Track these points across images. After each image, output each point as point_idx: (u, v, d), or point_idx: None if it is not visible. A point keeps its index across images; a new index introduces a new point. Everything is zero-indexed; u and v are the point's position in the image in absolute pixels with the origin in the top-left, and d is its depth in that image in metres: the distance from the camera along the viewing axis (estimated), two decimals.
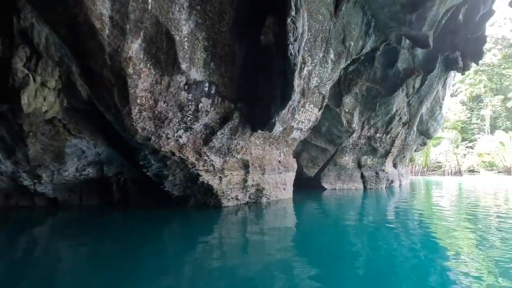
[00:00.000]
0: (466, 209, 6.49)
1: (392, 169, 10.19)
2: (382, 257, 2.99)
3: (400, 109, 8.61)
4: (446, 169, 26.21)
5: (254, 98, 4.78)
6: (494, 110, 36.02)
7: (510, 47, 37.67)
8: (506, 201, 7.71)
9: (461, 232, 4.18)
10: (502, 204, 7.22)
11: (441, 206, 7.22)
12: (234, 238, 3.65)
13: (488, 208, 6.45)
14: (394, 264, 2.79)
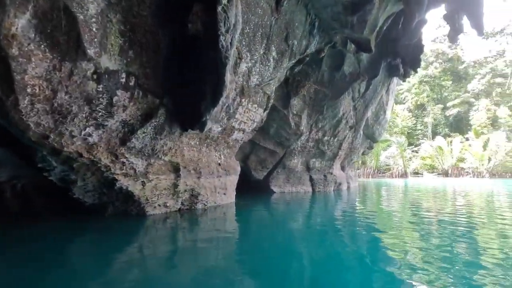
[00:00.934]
0: (409, 210, 6.77)
1: (340, 172, 10.34)
2: (324, 263, 2.80)
3: (346, 113, 8.71)
4: (394, 172, 28.01)
5: (182, 93, 4.28)
6: (435, 118, 39.63)
7: (448, 62, 41.81)
8: (445, 201, 8.17)
9: (405, 232, 4.30)
10: (442, 204, 7.68)
11: (386, 208, 7.40)
12: (154, 252, 3.10)
13: (430, 209, 6.81)
14: (338, 272, 2.57)
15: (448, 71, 41.58)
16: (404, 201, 8.69)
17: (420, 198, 9.21)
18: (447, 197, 9.62)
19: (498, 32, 39.30)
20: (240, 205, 6.67)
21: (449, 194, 10.44)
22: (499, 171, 27.11)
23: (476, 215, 5.79)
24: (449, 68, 41.57)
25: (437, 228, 4.48)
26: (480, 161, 26.90)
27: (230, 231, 4.22)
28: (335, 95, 8.25)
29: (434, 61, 42.32)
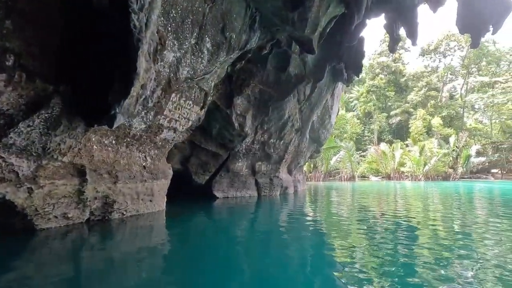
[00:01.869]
0: (354, 211, 6.85)
1: (287, 176, 10.17)
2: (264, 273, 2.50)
3: (292, 115, 8.53)
4: (343, 175, 29.31)
5: (85, 80, 3.54)
6: (380, 125, 42.76)
7: (392, 74, 45.55)
8: (387, 202, 8.43)
9: (349, 234, 4.39)
10: (385, 205, 8.07)
11: (332, 210, 7.35)
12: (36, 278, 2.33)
13: (374, 210, 7.19)
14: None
15: (391, 82, 45.28)
16: (349, 203, 8.82)
17: (365, 199, 9.56)
18: (390, 198, 10.12)
19: (432, 50, 43.96)
20: (173, 213, 5.99)
21: (391, 196, 11.09)
22: (432, 175, 29.96)
23: (414, 214, 6.36)
24: (393, 80, 45.30)
25: (381, 229, 4.68)
26: (417, 166, 29.46)
27: (152, 245, 3.57)
28: (281, 97, 8.02)
29: (380, 73, 45.79)
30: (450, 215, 6.34)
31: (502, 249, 3.34)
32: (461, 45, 41.27)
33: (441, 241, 3.76)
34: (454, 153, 31.55)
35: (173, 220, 5.36)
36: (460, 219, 5.82)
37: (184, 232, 4.63)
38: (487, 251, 3.27)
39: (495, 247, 3.45)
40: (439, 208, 7.61)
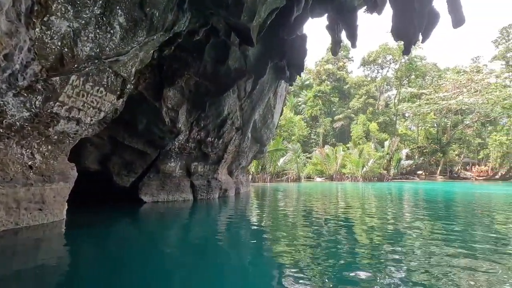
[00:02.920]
0: (297, 215, 6.60)
1: (227, 177, 9.56)
2: None
3: (232, 113, 7.96)
4: (290, 176, 29.85)
5: None
6: (326, 129, 44.99)
7: (336, 81, 48.36)
8: (330, 204, 8.40)
9: (292, 235, 4.36)
10: (327, 205, 8.23)
11: (274, 214, 7.04)
12: None
13: (317, 210, 7.28)
14: None
15: (336, 89, 48.06)
16: (294, 204, 8.67)
17: (309, 201, 9.57)
18: (332, 199, 10.33)
19: (371, 62, 47.87)
20: (78, 224, 4.91)
21: (333, 197, 11.41)
22: (369, 176, 32.32)
23: (353, 214, 6.64)
24: (337, 87, 48.13)
25: (322, 228, 4.82)
26: (357, 167, 31.49)
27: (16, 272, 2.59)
28: (219, 91, 7.38)
29: (326, 79, 48.27)
30: (384, 215, 6.63)
31: (426, 242, 3.79)
32: (396, 58, 45.68)
33: (376, 240, 3.96)
34: (388, 156, 34.57)
35: (71, 233, 4.31)
36: (391, 217, 6.21)
37: (78, 249, 3.67)
38: (413, 243, 3.77)
39: (420, 240, 3.95)
40: (374, 207, 7.85)
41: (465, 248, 3.45)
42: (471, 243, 3.76)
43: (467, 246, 3.54)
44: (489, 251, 3.33)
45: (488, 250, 3.37)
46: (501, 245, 3.66)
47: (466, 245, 3.58)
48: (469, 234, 4.39)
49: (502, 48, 44.01)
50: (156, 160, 7.38)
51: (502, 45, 44.17)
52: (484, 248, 3.48)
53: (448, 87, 40.86)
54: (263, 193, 13.30)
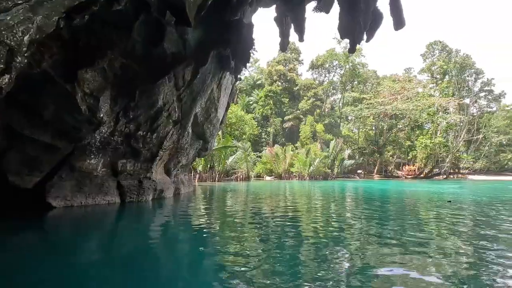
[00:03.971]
0: (241, 216, 6.15)
1: (164, 177, 8.56)
2: None
3: (168, 103, 7.03)
4: (239, 175, 29.40)
5: None
6: (276, 129, 45.71)
7: (287, 83, 49.52)
8: (276, 200, 8.14)
9: (237, 237, 4.14)
10: (274, 203, 8.06)
11: (217, 215, 6.48)
12: None
13: (264, 208, 7.05)
14: None
15: (286, 90, 49.16)
16: (240, 204, 8.13)
17: (257, 200, 9.23)
18: (280, 198, 10.15)
19: (319, 66, 50.11)
20: None
21: (281, 195, 11.28)
22: (315, 175, 33.60)
23: (299, 209, 6.68)
24: (287, 88, 49.27)
25: (268, 227, 4.72)
26: (304, 166, 32.46)
27: None
28: (152, 78, 6.41)
29: (277, 80, 49.04)
30: (328, 213, 6.61)
31: (364, 239, 4.01)
32: (341, 64, 48.55)
33: (321, 238, 4.02)
34: (332, 156, 36.43)
35: None
36: (334, 214, 6.34)
37: None
38: (352, 239, 3.97)
39: (359, 235, 4.21)
40: (320, 207, 7.73)
41: (395, 239, 3.98)
42: (401, 232, 4.38)
43: (397, 235, 4.13)
44: (413, 238, 4.02)
45: (413, 238, 4.06)
46: (423, 233, 4.33)
47: (396, 234, 4.17)
48: (399, 226, 4.90)
49: (428, 62, 50.00)
50: (70, 156, 6.10)
51: (428, 59, 50.15)
52: (411, 238, 4.03)
53: (385, 93, 44.82)
54: (210, 193, 12.50)
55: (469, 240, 3.94)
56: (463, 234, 4.47)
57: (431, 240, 3.97)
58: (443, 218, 5.96)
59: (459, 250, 3.46)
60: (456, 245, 3.73)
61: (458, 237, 4.19)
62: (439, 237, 4.20)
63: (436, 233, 4.50)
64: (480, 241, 3.90)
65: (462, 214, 6.56)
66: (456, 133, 45.60)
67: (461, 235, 4.34)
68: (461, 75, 45.68)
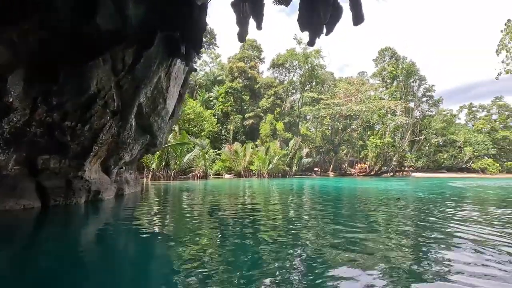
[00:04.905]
0: (192, 219, 5.51)
1: (100, 176, 7.43)
2: None
3: (105, 90, 6.01)
4: (197, 173, 28.24)
5: None
6: (236, 126, 45.10)
7: (248, 80, 49.18)
8: (235, 198, 7.43)
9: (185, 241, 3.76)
10: (231, 202, 7.43)
11: (165, 218, 5.73)
12: None
13: (220, 208, 6.68)
14: None
15: (247, 87, 48.79)
16: (195, 203, 7.41)
17: (214, 199, 8.70)
18: (238, 195, 9.77)
19: (280, 65, 50.61)
20: None
21: (240, 193, 10.87)
22: (274, 172, 33.78)
23: (258, 209, 6.44)
24: (248, 86, 48.93)
25: (224, 229, 4.43)
26: (263, 164, 32.39)
27: None
28: (83, 58, 5.37)
29: (238, 76, 48.42)
30: (285, 211, 6.32)
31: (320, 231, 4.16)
32: (301, 64, 49.56)
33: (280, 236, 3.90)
34: (291, 154, 37.00)
35: None
36: (292, 213, 6.10)
37: None
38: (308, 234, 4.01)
39: (315, 231, 4.24)
40: (278, 206, 7.34)
41: (348, 225, 4.46)
42: (352, 222, 4.74)
43: (349, 225, 4.56)
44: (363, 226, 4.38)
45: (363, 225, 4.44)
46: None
47: (349, 224, 4.60)
48: (350, 217, 5.08)
49: (380, 67, 53.52)
50: None
51: (379, 65, 53.68)
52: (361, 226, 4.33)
53: (341, 95, 46.90)
54: (162, 192, 11.45)
55: (412, 234, 3.94)
56: (407, 231, 4.42)
57: (379, 239, 3.78)
58: (393, 216, 5.93)
59: (405, 245, 3.49)
60: (403, 242, 3.63)
61: (404, 234, 4.16)
62: (386, 236, 4.08)
63: (384, 232, 4.41)
64: (420, 236, 3.86)
65: (408, 211, 6.67)
66: (402, 134, 49.55)
67: (405, 232, 4.29)
68: (407, 81, 49.63)
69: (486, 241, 3.66)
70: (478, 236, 3.93)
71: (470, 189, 14.94)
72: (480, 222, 5.04)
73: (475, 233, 4.08)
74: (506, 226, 4.73)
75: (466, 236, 3.91)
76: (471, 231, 4.23)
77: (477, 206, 7.47)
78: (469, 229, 4.35)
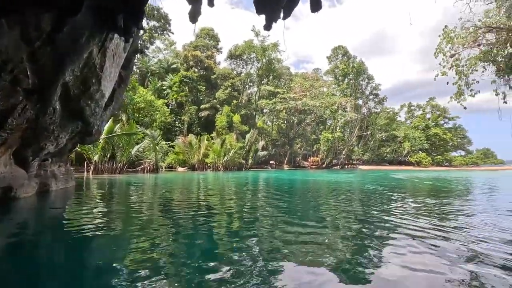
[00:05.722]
0: (131, 224, 4.49)
1: (14, 169, 6.10)
2: None
3: (13, 63, 4.81)
4: (147, 166, 26.39)
5: None
6: (191, 117, 43.36)
7: (204, 70, 47.48)
8: (188, 194, 6.63)
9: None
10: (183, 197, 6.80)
11: (94, 223, 4.63)
12: None
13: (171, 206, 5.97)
14: None
15: (203, 77, 47.10)
16: (140, 201, 6.46)
17: (166, 192, 8.19)
18: (191, 190, 9.15)
19: (238, 56, 49.75)
20: None
21: (193, 187, 10.21)
22: (230, 165, 33.25)
23: (212, 204, 6.06)
24: (204, 76, 47.25)
25: (176, 222, 4.18)
26: (218, 157, 31.63)
27: None
28: None
29: (194, 66, 46.42)
30: (241, 204, 5.83)
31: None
32: (258, 57, 49.26)
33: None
34: (247, 147, 36.81)
35: None
36: (247, 205, 5.94)
37: None
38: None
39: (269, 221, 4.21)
40: (234, 198, 6.83)
41: (300, 218, 4.42)
42: (303, 215, 4.66)
43: (301, 217, 4.48)
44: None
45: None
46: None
47: (300, 217, 4.48)
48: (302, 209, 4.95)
49: (332, 65, 55.89)
50: None
51: (332, 62, 56.03)
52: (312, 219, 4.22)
53: (296, 89, 47.92)
54: (105, 187, 10.12)
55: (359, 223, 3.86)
56: (355, 222, 4.33)
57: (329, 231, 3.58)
58: (340, 209, 5.86)
59: (349, 238, 3.51)
60: (348, 234, 3.53)
61: (349, 228, 4.05)
62: (334, 228, 3.97)
63: (331, 225, 4.27)
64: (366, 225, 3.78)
65: (356, 204, 6.73)
66: (351, 130, 52.68)
67: (351, 224, 4.18)
68: (357, 79, 52.65)
69: (419, 233, 3.65)
70: (420, 229, 3.92)
71: (410, 181, 16.20)
72: (422, 214, 5.16)
73: (418, 226, 4.08)
74: (447, 218, 4.89)
75: (407, 228, 3.89)
76: (413, 224, 4.24)
77: (421, 197, 7.85)
78: (412, 222, 4.36)
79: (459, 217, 4.81)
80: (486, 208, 5.70)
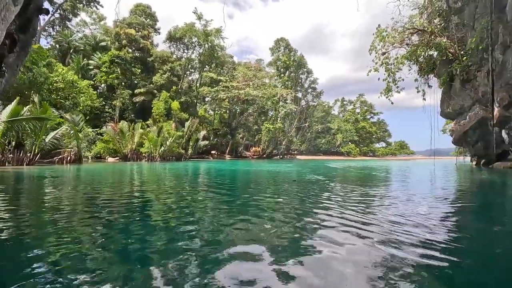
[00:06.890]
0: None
1: None
2: None
3: None
4: (66, 156, 22.85)
5: None
6: (124, 102, 39.29)
7: (140, 51, 43.22)
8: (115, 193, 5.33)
9: None
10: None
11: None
12: None
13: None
14: None
15: (138, 60, 42.99)
16: (60, 196, 4.99)
17: (90, 187, 6.98)
18: (122, 181, 7.91)
19: (178, 39, 46.60)
20: None
21: (125, 178, 9.03)
22: (167, 155, 31.21)
23: (145, 196, 5.66)
24: (140, 58, 43.17)
25: (103, 222, 3.50)
26: (154, 146, 29.33)
27: None
28: None
29: (127, 45, 41.90)
30: (178, 199, 4.96)
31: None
32: (200, 42, 46.94)
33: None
34: (187, 135, 35.05)
35: None
36: (185, 200, 5.43)
37: None
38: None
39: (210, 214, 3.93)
40: (170, 191, 5.89)
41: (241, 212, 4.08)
42: (244, 209, 4.40)
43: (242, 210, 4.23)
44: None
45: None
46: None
47: (241, 211, 4.19)
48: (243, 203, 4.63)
49: (275, 56, 56.83)
50: None
51: (275, 54, 56.95)
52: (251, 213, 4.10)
53: (239, 78, 47.34)
54: (4, 183, 7.95)
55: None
56: (294, 214, 4.02)
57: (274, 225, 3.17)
58: (298, 197, 5.57)
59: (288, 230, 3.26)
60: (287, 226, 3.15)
61: (289, 219, 3.71)
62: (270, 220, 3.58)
63: (269, 217, 3.88)
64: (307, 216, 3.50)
65: (297, 193, 6.56)
66: (291, 121, 54.79)
67: (291, 216, 3.86)
68: (297, 72, 54.62)
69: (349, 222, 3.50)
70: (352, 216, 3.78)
71: (345, 169, 17.26)
72: (361, 203, 5.13)
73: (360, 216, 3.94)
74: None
75: (347, 218, 3.71)
76: (355, 214, 4.10)
77: (357, 186, 8.08)
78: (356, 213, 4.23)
79: (383, 201, 4.92)
80: (404, 195, 6.05)
